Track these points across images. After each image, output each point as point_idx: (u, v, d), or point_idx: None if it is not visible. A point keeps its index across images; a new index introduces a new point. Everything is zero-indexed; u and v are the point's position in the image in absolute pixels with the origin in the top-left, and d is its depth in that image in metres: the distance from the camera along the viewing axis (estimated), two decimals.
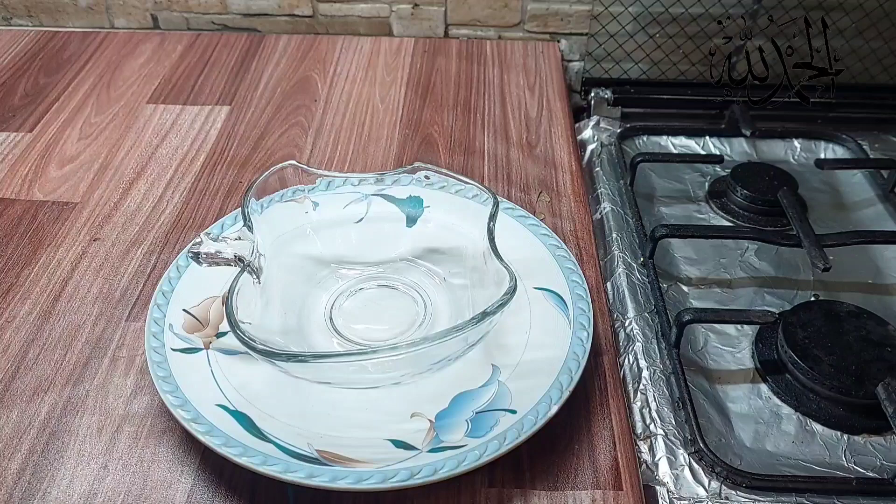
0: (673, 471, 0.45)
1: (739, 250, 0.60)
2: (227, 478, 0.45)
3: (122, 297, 0.56)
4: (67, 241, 0.61)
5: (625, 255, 0.59)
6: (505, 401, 0.46)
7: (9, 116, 0.75)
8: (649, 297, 0.56)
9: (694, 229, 0.62)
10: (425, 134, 0.73)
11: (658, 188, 0.67)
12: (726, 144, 0.72)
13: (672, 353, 0.51)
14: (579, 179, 0.68)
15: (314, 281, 0.55)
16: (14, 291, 0.57)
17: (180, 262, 0.54)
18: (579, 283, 0.53)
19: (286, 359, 0.42)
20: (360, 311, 0.53)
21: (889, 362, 0.49)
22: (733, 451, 0.47)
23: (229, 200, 0.65)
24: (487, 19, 0.89)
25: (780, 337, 0.51)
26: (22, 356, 0.52)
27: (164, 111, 0.76)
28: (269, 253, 0.51)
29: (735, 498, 0.44)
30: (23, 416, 0.48)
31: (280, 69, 0.83)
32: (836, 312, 0.53)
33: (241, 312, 0.45)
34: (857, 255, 0.59)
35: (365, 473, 0.42)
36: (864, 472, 0.46)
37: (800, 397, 0.49)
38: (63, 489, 0.44)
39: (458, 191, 0.56)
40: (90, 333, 0.53)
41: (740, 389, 0.50)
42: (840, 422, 0.48)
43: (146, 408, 0.49)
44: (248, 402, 0.46)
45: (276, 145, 0.72)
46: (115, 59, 0.85)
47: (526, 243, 0.56)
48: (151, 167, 0.69)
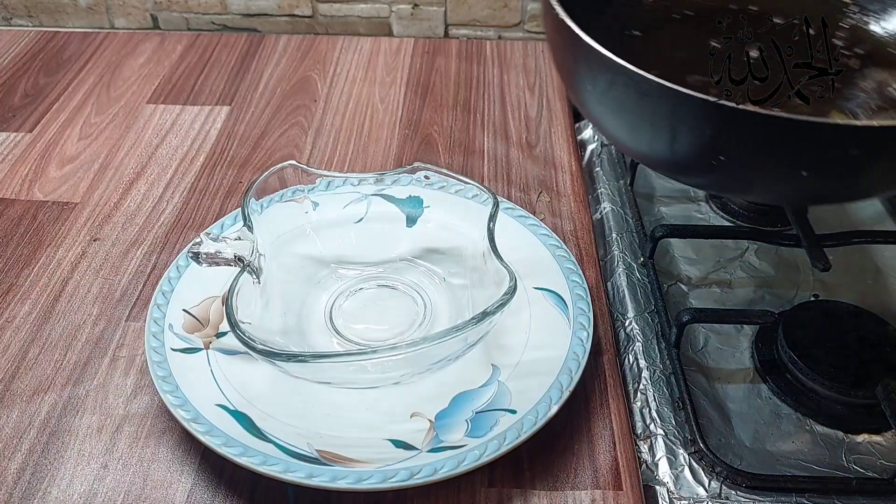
0: (673, 471, 0.45)
1: (739, 250, 0.60)
2: (227, 478, 0.45)
3: (122, 297, 0.56)
4: (67, 241, 0.61)
5: (625, 255, 0.59)
6: (505, 401, 0.46)
7: (9, 116, 0.76)
8: (649, 297, 0.56)
9: (694, 229, 0.61)
10: (425, 134, 0.73)
11: (658, 188, 0.67)
12: None
13: (672, 353, 0.51)
14: (579, 179, 0.68)
15: (314, 281, 0.55)
16: (14, 291, 0.57)
17: (180, 262, 0.54)
18: (579, 283, 0.53)
19: (286, 359, 0.42)
20: (359, 311, 0.53)
21: (889, 362, 0.49)
22: (733, 451, 0.47)
23: (229, 200, 0.65)
24: (487, 19, 0.89)
25: (780, 337, 0.51)
26: (22, 356, 0.52)
27: (164, 111, 0.76)
28: (269, 253, 0.51)
29: (735, 498, 0.44)
30: (23, 416, 0.48)
31: (280, 69, 0.83)
32: (836, 312, 0.53)
33: (241, 312, 0.45)
34: (857, 255, 0.59)
35: (365, 473, 0.42)
36: (864, 472, 0.46)
37: (800, 397, 0.49)
38: (63, 489, 0.44)
39: (457, 191, 0.56)
40: (90, 333, 0.53)
41: (740, 389, 0.50)
42: (840, 422, 0.48)
43: (146, 408, 0.49)
44: (248, 401, 0.46)
45: (275, 145, 0.72)
46: (115, 60, 0.85)
47: (526, 243, 0.56)
48: (151, 167, 0.69)
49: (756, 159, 0.38)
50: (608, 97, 0.42)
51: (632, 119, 0.42)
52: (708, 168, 0.41)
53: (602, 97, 0.43)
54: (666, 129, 0.41)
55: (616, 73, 0.39)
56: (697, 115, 0.38)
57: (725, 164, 0.40)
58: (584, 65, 0.42)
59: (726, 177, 0.43)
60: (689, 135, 0.40)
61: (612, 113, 0.44)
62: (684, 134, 0.40)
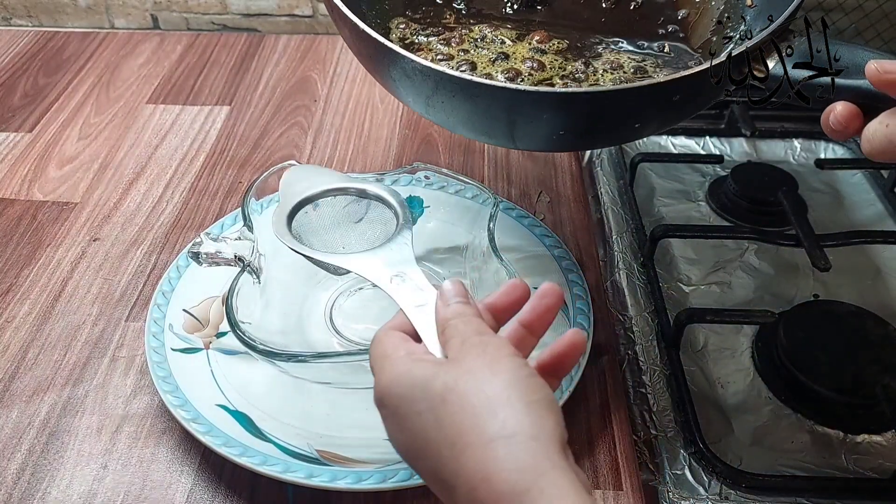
0: (673, 471, 0.45)
1: (739, 250, 0.60)
2: (227, 478, 0.45)
3: (121, 297, 0.56)
4: (67, 241, 0.61)
5: (625, 255, 0.59)
6: None
7: (8, 116, 0.75)
8: (649, 297, 0.56)
9: (694, 229, 0.61)
10: (425, 134, 0.73)
11: (658, 188, 0.67)
12: (726, 144, 0.72)
13: (672, 353, 0.51)
14: (579, 180, 0.68)
15: (314, 281, 0.55)
16: (14, 291, 0.57)
17: (180, 262, 0.54)
18: (579, 282, 0.53)
19: (286, 359, 0.42)
20: (360, 311, 0.53)
21: (888, 362, 0.49)
22: (733, 451, 0.47)
23: (229, 200, 0.65)
24: None
25: (779, 337, 0.51)
26: (22, 356, 0.52)
27: (164, 111, 0.76)
28: (269, 253, 0.51)
29: (735, 498, 0.44)
30: (22, 417, 0.48)
31: (280, 69, 0.83)
32: (836, 312, 0.53)
33: (241, 312, 0.45)
34: (857, 255, 0.59)
35: (364, 473, 0.42)
36: (864, 472, 0.46)
37: (800, 397, 0.49)
38: (62, 489, 0.44)
39: (457, 191, 0.56)
40: (90, 333, 0.53)
41: (739, 389, 0.50)
42: (840, 422, 0.48)
43: (146, 408, 0.49)
44: (248, 402, 0.46)
45: (275, 145, 0.72)
46: (115, 60, 0.85)
47: (525, 243, 0.56)
48: (151, 167, 0.69)
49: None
50: (434, 100, 0.44)
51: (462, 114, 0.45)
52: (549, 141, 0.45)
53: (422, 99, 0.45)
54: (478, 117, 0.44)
55: (438, 79, 0.41)
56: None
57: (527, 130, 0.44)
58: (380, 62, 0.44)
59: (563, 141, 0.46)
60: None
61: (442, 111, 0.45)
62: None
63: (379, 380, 0.32)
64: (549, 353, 0.34)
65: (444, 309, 0.34)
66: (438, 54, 0.49)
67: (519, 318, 0.34)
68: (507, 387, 0.29)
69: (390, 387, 0.31)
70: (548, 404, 0.29)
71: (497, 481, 0.27)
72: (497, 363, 0.30)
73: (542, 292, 0.34)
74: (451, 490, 0.28)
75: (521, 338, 0.34)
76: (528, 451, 0.27)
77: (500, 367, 0.30)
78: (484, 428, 0.28)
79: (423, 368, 0.31)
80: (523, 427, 0.28)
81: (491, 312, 0.35)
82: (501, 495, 0.26)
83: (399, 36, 0.51)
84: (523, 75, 0.47)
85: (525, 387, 0.29)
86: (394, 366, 0.31)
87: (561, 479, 0.26)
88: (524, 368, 0.30)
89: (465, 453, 0.28)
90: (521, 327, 0.34)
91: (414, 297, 0.36)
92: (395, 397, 0.31)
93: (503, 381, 0.29)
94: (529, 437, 0.27)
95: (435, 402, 0.29)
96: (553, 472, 0.27)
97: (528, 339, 0.34)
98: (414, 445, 0.30)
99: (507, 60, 0.48)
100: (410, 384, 0.30)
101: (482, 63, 0.48)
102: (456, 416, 0.28)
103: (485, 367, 0.30)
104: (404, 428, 0.30)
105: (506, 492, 0.26)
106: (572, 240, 0.61)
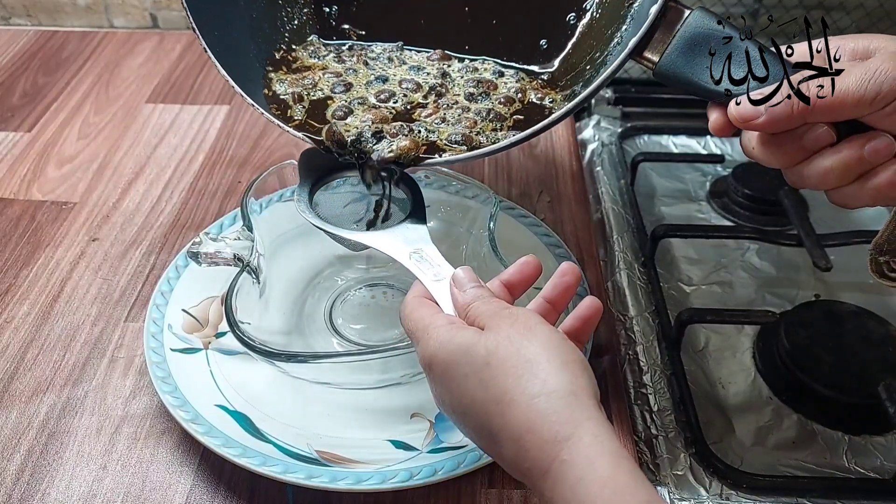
0: (673, 471, 0.45)
1: (740, 250, 0.60)
2: (227, 478, 0.45)
3: (120, 297, 0.56)
4: (66, 241, 0.61)
5: (625, 255, 0.59)
6: None
7: (7, 116, 0.75)
8: (649, 297, 0.56)
9: (695, 229, 0.61)
10: None
11: (659, 188, 0.67)
12: (727, 144, 0.72)
13: (672, 353, 0.51)
14: (580, 179, 0.68)
15: (314, 281, 0.55)
16: (13, 292, 0.56)
17: (179, 262, 0.54)
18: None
19: (286, 359, 0.42)
20: (359, 311, 0.53)
21: (890, 362, 0.49)
22: (733, 451, 0.47)
23: (228, 200, 0.65)
24: None
25: (780, 337, 0.50)
26: (21, 357, 0.52)
27: (163, 111, 0.76)
28: (269, 253, 0.51)
29: (735, 498, 0.44)
30: (22, 417, 0.48)
31: None
32: (837, 312, 0.53)
33: (241, 312, 0.45)
34: (858, 255, 0.59)
35: (364, 474, 0.42)
36: (864, 472, 0.45)
37: (801, 397, 0.49)
38: (62, 490, 0.44)
39: (458, 190, 0.56)
40: (89, 334, 0.53)
41: (740, 389, 0.50)
42: (840, 422, 0.48)
43: (145, 408, 0.48)
44: (248, 402, 0.46)
45: (275, 145, 0.72)
46: (114, 59, 0.84)
47: (526, 243, 0.56)
48: (150, 167, 0.69)
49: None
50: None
51: None
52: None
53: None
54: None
55: None
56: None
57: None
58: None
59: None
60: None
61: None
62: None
63: (425, 347, 0.35)
64: (573, 317, 0.37)
65: (461, 295, 0.37)
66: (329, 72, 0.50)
67: (543, 295, 0.38)
68: (543, 349, 0.32)
69: (437, 353, 0.34)
70: (581, 364, 0.32)
71: (541, 431, 0.30)
72: (530, 330, 0.33)
73: (562, 271, 0.38)
74: (498, 441, 0.32)
75: (546, 311, 0.37)
76: (567, 404, 0.31)
77: (533, 333, 0.33)
78: (526, 387, 0.31)
79: (465, 336, 0.34)
80: (562, 384, 0.31)
81: (506, 287, 0.38)
82: (545, 443, 0.30)
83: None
84: (397, 97, 0.47)
85: (559, 349, 0.32)
86: (438, 333, 0.34)
87: (597, 427, 0.30)
88: (556, 333, 0.33)
89: (511, 409, 0.31)
90: (546, 302, 0.38)
91: (432, 271, 0.40)
92: (441, 362, 0.34)
93: (539, 344, 0.32)
94: (568, 392, 0.31)
95: (478, 365, 0.32)
96: (589, 422, 0.30)
97: (552, 313, 0.38)
98: (461, 403, 0.33)
99: (385, 83, 0.48)
100: (455, 350, 0.33)
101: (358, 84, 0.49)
102: (499, 378, 0.32)
103: (520, 334, 0.33)
104: (451, 389, 0.34)
105: (549, 440, 0.30)
106: (573, 239, 0.61)
